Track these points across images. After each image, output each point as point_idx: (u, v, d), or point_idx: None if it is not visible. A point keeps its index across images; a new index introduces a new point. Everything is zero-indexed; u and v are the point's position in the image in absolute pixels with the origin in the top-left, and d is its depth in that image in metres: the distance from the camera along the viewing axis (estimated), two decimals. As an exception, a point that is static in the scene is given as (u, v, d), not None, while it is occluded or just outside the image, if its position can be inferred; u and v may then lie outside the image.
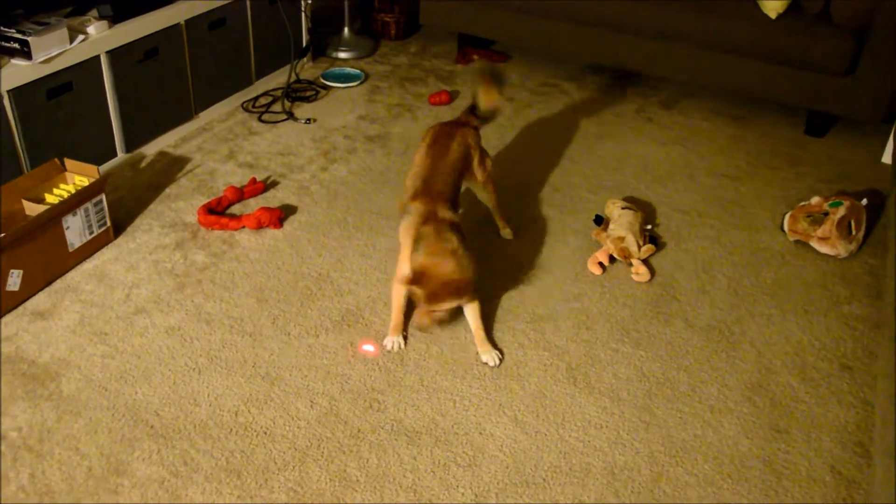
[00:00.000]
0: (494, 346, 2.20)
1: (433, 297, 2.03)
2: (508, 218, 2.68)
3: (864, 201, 2.67)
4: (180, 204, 2.75)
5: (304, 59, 3.88)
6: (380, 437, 1.90)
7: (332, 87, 3.70)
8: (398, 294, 2.22)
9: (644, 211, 2.75)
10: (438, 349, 2.17)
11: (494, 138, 3.27)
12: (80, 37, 2.64)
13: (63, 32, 2.55)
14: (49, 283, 2.34)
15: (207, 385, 2.02)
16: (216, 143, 3.16)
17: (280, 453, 1.85)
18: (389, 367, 2.10)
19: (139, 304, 2.28)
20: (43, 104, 2.55)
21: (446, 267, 2.03)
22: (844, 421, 2.00)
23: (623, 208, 2.63)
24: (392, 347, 2.17)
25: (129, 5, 2.83)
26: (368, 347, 2.15)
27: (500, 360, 2.15)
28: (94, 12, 2.77)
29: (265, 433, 1.89)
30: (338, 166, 3.02)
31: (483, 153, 2.51)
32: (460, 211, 2.44)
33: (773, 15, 3.24)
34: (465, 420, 1.96)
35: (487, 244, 2.62)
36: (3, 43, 2.46)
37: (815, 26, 3.18)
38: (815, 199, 2.68)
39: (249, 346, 2.15)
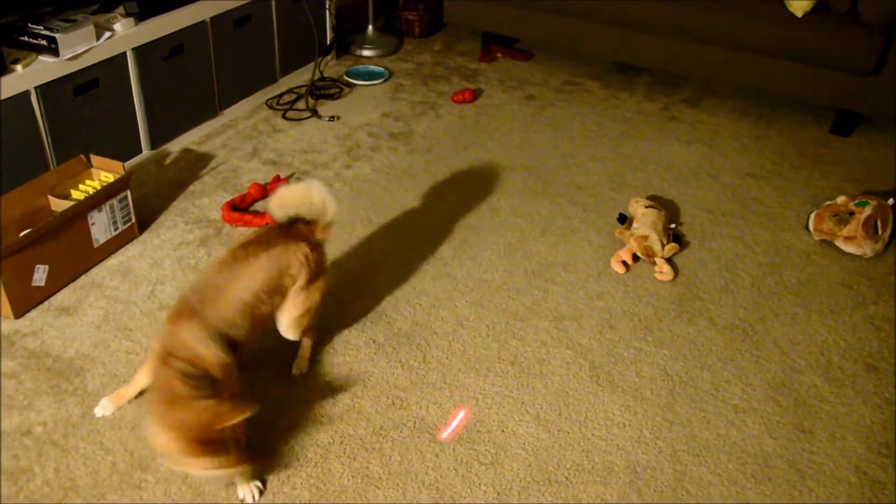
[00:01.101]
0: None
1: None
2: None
3: (891, 201, 2.64)
4: (204, 201, 2.76)
5: (329, 57, 3.89)
6: (402, 434, 1.90)
7: (355, 84, 3.71)
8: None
9: (668, 210, 2.73)
10: (461, 347, 2.17)
11: (515, 136, 3.27)
12: (107, 34, 2.67)
13: (90, 29, 2.57)
14: (74, 279, 2.36)
15: (231, 380, 2.03)
16: (240, 140, 3.17)
17: (302, 450, 1.85)
18: (412, 365, 2.11)
19: (163, 301, 2.30)
20: (69, 101, 2.57)
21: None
22: (870, 421, 1.98)
23: (647, 207, 2.62)
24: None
25: (155, 3, 2.85)
26: None
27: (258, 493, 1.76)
28: (121, 9, 2.79)
29: (287, 430, 1.90)
30: (361, 164, 3.03)
31: (313, 278, 1.92)
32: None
33: (799, 13, 3.21)
34: (487, 418, 1.96)
35: (511, 242, 2.61)
36: (31, 40, 2.49)
37: (843, 25, 3.14)
38: (840, 199, 2.65)
39: (272, 342, 2.17)
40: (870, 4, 3.09)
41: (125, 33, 2.72)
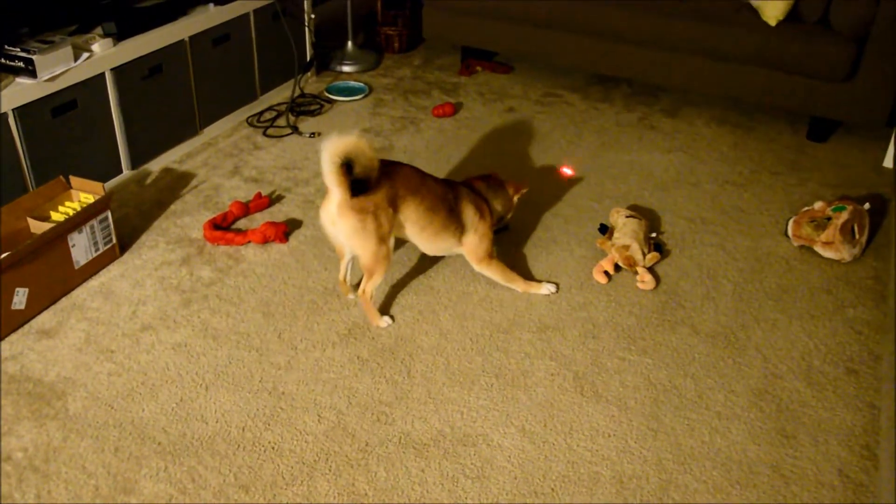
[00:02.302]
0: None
1: None
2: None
3: (867, 205, 2.67)
4: (186, 220, 2.76)
5: (309, 74, 3.90)
6: (388, 450, 1.90)
7: (336, 100, 3.71)
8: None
9: (648, 219, 2.75)
10: (445, 360, 2.17)
11: (496, 149, 3.28)
12: (85, 55, 2.66)
13: (68, 50, 2.57)
14: (55, 302, 2.35)
15: (214, 401, 2.02)
16: (221, 158, 3.17)
17: (288, 468, 1.85)
18: (397, 380, 2.11)
19: (145, 321, 2.29)
20: (48, 122, 2.57)
21: None
22: (851, 424, 2.00)
23: (627, 217, 2.64)
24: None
25: (133, 22, 2.85)
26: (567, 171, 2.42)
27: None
28: (99, 30, 2.79)
29: (273, 448, 1.90)
30: (342, 179, 3.03)
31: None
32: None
33: (772, 23, 3.25)
34: (472, 431, 1.96)
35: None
36: (8, 62, 2.48)
37: (815, 33, 3.19)
38: (818, 204, 2.68)
39: (256, 361, 2.16)
40: (841, 13, 3.13)
41: (103, 54, 2.71)
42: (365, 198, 2.11)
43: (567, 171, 2.31)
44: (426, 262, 2.56)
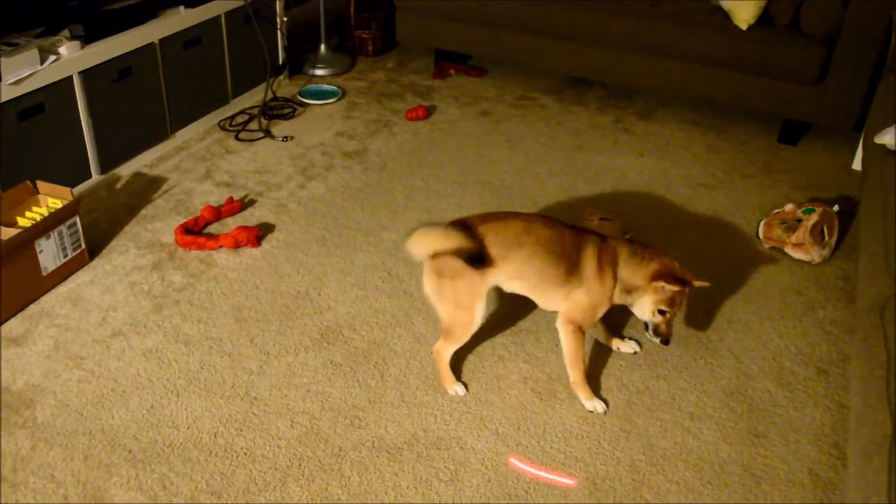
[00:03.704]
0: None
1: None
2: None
3: (836, 207, 2.70)
4: (157, 224, 2.73)
5: (281, 77, 3.88)
6: (361, 454, 1.89)
7: (309, 104, 3.70)
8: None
9: (621, 221, 2.76)
10: (419, 364, 2.17)
11: (470, 152, 3.29)
12: (52, 57, 2.63)
13: (34, 53, 2.54)
14: (22, 309, 2.31)
15: (186, 407, 2.00)
16: (193, 162, 3.14)
17: (261, 474, 1.83)
18: (370, 384, 2.10)
19: (116, 327, 2.26)
20: (14, 126, 2.53)
21: None
22: (821, 423, 2.02)
23: (601, 219, 2.65)
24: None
25: (101, 25, 2.82)
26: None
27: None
28: (66, 32, 2.76)
29: (245, 454, 1.88)
30: (315, 183, 3.02)
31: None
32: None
33: (743, 26, 3.28)
34: (446, 435, 1.95)
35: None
36: (-26, 66, 2.45)
37: (785, 37, 3.22)
38: (788, 206, 2.71)
39: (228, 366, 2.14)
40: (811, 16, 3.17)
41: (71, 56, 2.68)
42: (444, 261, 1.95)
43: (521, 464, 1.89)
44: (399, 266, 2.56)
